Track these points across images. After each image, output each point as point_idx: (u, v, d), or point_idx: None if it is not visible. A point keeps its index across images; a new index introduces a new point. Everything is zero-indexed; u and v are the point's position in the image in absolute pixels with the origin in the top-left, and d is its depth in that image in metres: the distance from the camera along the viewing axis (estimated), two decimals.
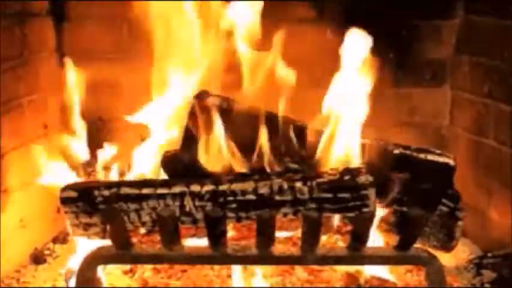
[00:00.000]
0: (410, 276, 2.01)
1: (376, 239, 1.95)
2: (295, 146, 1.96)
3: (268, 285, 1.89)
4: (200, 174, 1.89)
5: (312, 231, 1.58)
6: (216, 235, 1.58)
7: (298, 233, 1.66)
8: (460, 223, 1.93)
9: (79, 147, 2.20)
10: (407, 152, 1.96)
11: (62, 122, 2.39)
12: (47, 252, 2.28)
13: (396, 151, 1.96)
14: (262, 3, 2.06)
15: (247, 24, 2.08)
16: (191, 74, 2.11)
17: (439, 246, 1.93)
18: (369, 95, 2.02)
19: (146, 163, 2.08)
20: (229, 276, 1.91)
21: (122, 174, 2.17)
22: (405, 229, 1.61)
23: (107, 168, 2.19)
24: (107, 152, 2.20)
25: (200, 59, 2.12)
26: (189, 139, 1.95)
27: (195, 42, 2.11)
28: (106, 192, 1.83)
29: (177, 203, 1.81)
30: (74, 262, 1.90)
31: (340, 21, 2.26)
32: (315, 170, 1.92)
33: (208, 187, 1.81)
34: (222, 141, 1.91)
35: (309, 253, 1.61)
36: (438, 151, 1.99)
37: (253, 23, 2.08)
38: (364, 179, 1.80)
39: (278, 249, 1.64)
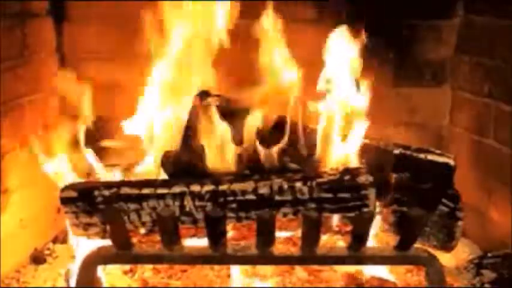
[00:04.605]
0: (410, 276, 2.01)
1: (376, 239, 1.95)
2: (296, 145, 1.97)
3: (268, 285, 1.89)
4: (200, 174, 1.89)
5: (312, 231, 1.58)
6: (216, 235, 1.58)
7: (298, 233, 1.66)
8: (460, 223, 1.93)
9: (79, 148, 2.20)
10: (407, 152, 1.96)
11: (61, 122, 2.39)
12: (47, 252, 2.28)
13: (396, 151, 1.97)
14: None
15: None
16: (191, 75, 2.11)
17: (439, 246, 1.94)
18: (369, 95, 2.02)
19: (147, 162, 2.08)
20: (229, 276, 1.91)
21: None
22: (405, 229, 1.61)
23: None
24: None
25: (200, 59, 2.12)
26: (189, 139, 1.95)
27: (194, 42, 2.12)
28: (106, 192, 1.83)
29: (177, 203, 1.81)
30: (74, 262, 1.90)
31: (340, 21, 2.26)
32: (315, 170, 1.92)
33: (208, 187, 1.81)
34: (222, 141, 1.91)
35: (309, 253, 1.61)
36: (438, 151, 1.99)
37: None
38: (364, 179, 1.80)
39: (278, 249, 1.64)
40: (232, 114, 1.98)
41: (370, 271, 1.93)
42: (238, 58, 2.12)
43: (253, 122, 1.93)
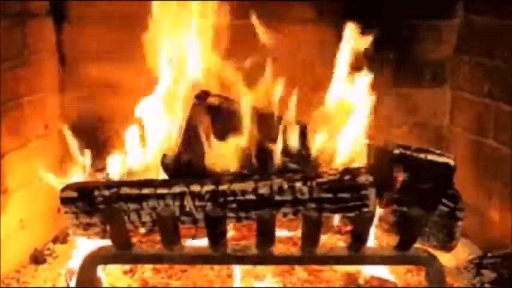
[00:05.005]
0: (410, 276, 2.01)
1: (376, 239, 1.95)
2: (295, 146, 1.97)
3: (268, 285, 1.89)
4: (200, 174, 1.89)
5: (312, 231, 1.58)
6: (216, 235, 1.58)
7: (298, 233, 1.66)
8: (460, 223, 1.93)
9: (79, 147, 2.20)
10: (407, 152, 1.96)
11: (62, 122, 2.39)
12: (47, 252, 2.28)
13: (396, 151, 1.96)
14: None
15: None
16: (190, 74, 2.11)
17: (439, 246, 1.94)
18: (369, 95, 2.02)
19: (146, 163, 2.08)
20: (229, 276, 1.91)
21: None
22: (405, 229, 1.61)
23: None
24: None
25: (199, 59, 2.12)
26: (189, 139, 1.95)
27: (193, 42, 2.12)
28: (106, 192, 1.83)
29: (177, 203, 1.81)
30: (74, 262, 1.90)
31: (340, 21, 2.26)
32: (315, 170, 1.92)
33: (208, 187, 1.81)
34: (221, 141, 1.91)
35: (309, 253, 1.61)
36: (438, 151, 1.99)
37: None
38: (364, 179, 1.80)
39: (278, 249, 1.64)
40: (232, 114, 1.98)
41: (370, 271, 1.93)
42: (238, 58, 2.12)
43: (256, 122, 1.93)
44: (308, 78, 2.11)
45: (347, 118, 2.00)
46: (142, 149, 2.11)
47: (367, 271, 1.93)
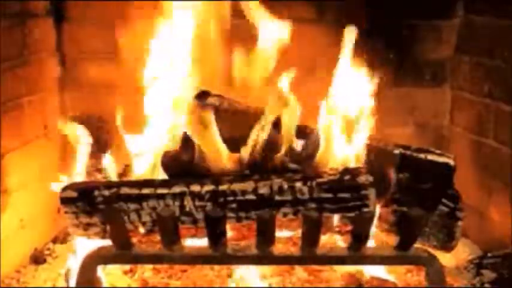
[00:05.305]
0: (410, 276, 2.01)
1: (376, 239, 1.95)
2: (295, 146, 1.97)
3: (268, 285, 1.89)
4: (200, 174, 1.89)
5: (312, 231, 1.58)
6: (216, 235, 1.58)
7: (298, 233, 1.66)
8: (460, 223, 1.93)
9: (79, 147, 2.20)
10: (407, 152, 1.96)
11: (61, 122, 2.39)
12: (47, 252, 2.28)
13: (396, 151, 1.96)
14: None
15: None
16: (190, 74, 2.11)
17: (439, 246, 1.94)
18: (370, 95, 2.02)
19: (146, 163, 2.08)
20: (229, 276, 1.91)
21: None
22: (405, 229, 1.61)
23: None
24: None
25: (198, 59, 2.12)
26: (189, 139, 1.95)
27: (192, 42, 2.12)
28: (106, 192, 1.83)
29: (177, 203, 1.81)
30: (74, 262, 1.91)
31: (340, 21, 2.26)
32: (315, 170, 1.92)
33: (208, 187, 1.81)
34: (221, 141, 1.91)
35: (309, 253, 1.61)
36: (438, 151, 1.99)
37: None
38: (364, 179, 1.80)
39: (278, 249, 1.64)
40: (232, 114, 1.98)
41: (370, 271, 1.93)
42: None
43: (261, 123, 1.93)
44: (308, 77, 2.11)
45: (347, 118, 2.00)
46: (142, 148, 2.11)
47: (367, 271, 1.93)
